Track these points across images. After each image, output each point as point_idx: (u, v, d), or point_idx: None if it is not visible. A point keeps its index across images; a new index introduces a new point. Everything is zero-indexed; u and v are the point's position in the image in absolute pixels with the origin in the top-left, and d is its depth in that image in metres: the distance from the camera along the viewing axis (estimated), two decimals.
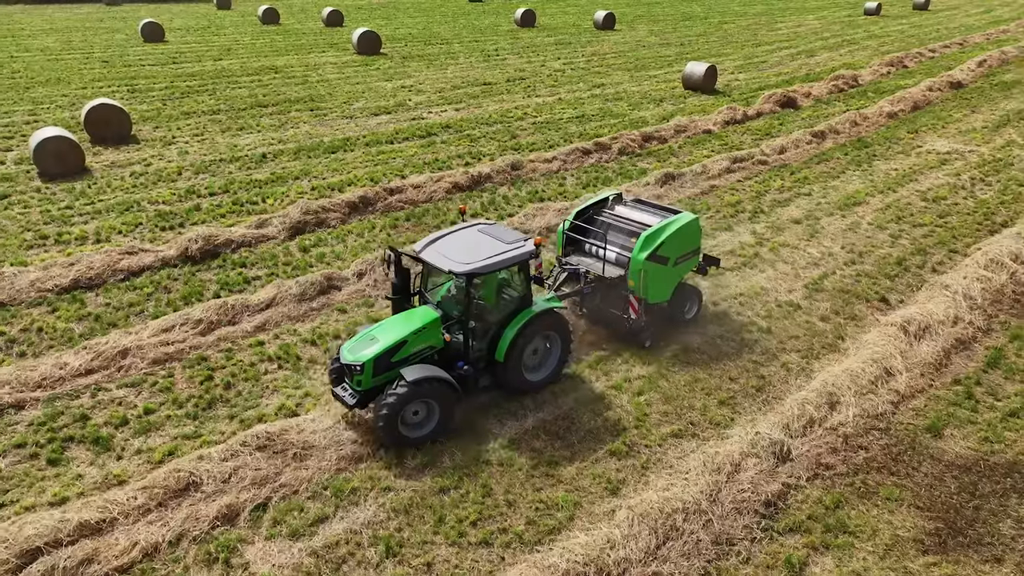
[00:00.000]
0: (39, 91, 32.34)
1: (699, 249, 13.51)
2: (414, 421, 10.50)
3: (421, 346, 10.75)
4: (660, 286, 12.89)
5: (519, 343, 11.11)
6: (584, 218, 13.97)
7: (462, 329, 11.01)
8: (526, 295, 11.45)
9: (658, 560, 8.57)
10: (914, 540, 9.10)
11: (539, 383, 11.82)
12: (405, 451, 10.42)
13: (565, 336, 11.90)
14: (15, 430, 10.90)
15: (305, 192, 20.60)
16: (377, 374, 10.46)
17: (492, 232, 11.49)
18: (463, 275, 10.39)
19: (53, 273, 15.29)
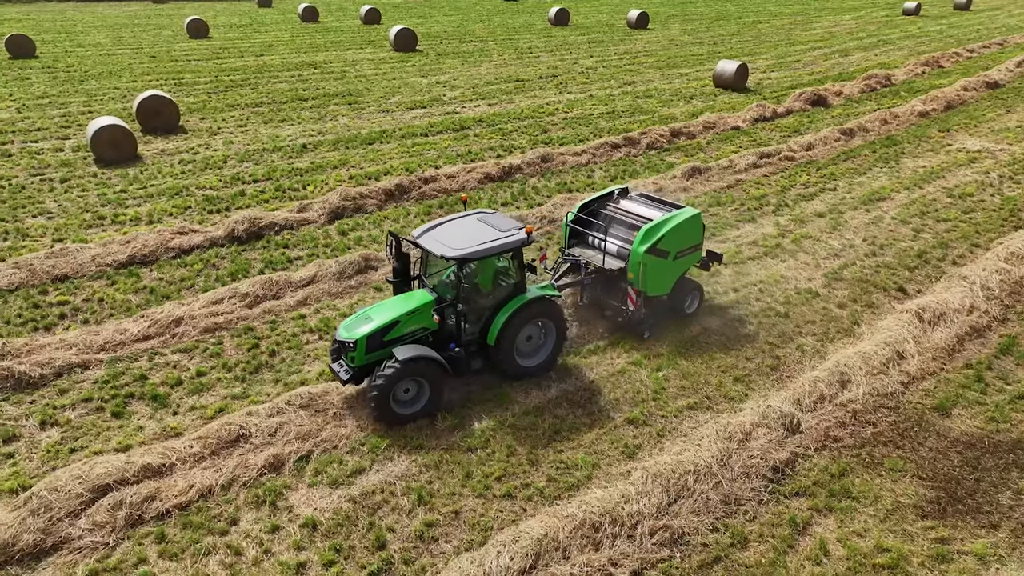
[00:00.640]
0: (93, 84, 33.91)
1: (701, 244, 13.68)
2: (405, 398, 10.95)
3: (414, 327, 11.20)
4: (660, 279, 13.12)
5: (510, 328, 11.44)
6: (588, 211, 14.23)
7: (454, 312, 11.40)
8: (520, 282, 11.75)
9: (669, 515, 9.21)
10: (914, 506, 9.60)
11: (532, 369, 12.08)
12: (436, 414, 11.19)
13: (560, 324, 12.14)
14: (82, 387, 11.92)
15: (344, 180, 21.54)
16: (370, 351, 10.93)
17: (489, 220, 11.83)
18: (454, 260, 10.79)
19: (111, 249, 16.41)
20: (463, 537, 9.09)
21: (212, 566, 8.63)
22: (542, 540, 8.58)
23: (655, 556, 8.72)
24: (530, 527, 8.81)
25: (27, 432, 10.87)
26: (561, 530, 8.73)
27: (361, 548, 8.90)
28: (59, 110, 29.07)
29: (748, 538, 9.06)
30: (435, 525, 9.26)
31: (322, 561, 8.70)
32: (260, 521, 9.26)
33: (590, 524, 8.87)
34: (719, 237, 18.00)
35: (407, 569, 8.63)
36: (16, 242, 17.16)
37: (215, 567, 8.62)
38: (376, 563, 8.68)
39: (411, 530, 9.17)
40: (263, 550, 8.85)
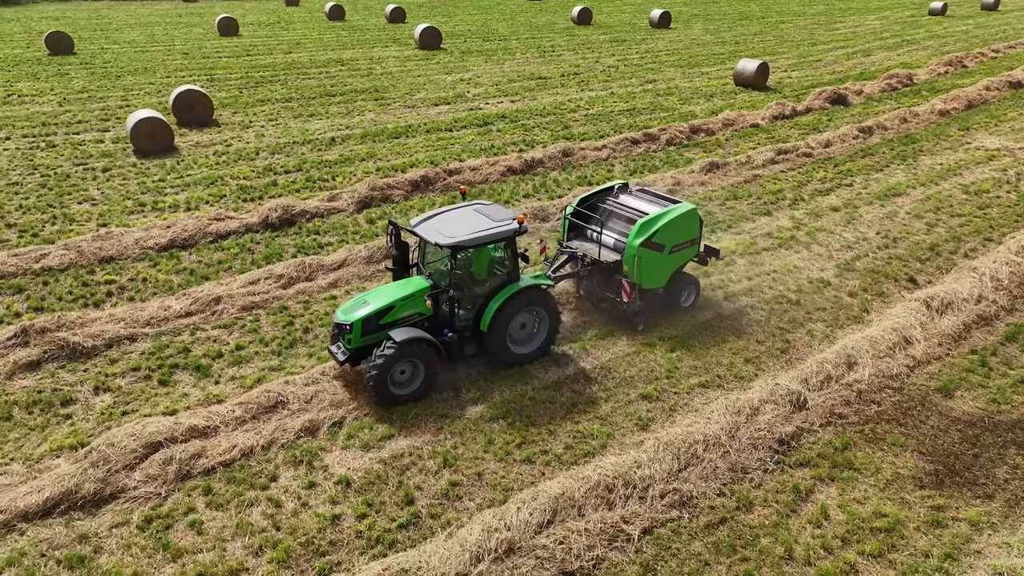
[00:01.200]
0: (129, 79, 35.10)
1: (697, 239, 13.87)
2: (401, 380, 11.35)
3: (409, 312, 11.63)
4: (654, 272, 13.38)
5: (502, 315, 11.75)
6: (587, 205, 14.54)
7: (448, 298, 11.77)
8: (513, 271, 12.10)
9: (679, 480, 9.80)
10: (913, 478, 10.10)
11: (524, 356, 12.38)
12: (460, 387, 11.88)
13: (552, 313, 12.44)
14: (130, 357, 12.77)
15: (371, 172, 22.32)
16: (366, 334, 11.38)
17: (485, 211, 12.19)
18: (447, 247, 11.19)
19: (153, 234, 17.31)
20: (485, 496, 9.76)
21: (255, 516, 9.37)
22: (559, 498, 9.22)
23: (665, 516, 9.32)
24: (548, 487, 9.45)
25: (82, 396, 11.72)
26: (577, 490, 9.36)
27: (391, 503, 9.61)
28: (98, 104, 30.21)
29: (753, 503, 9.63)
30: (459, 485, 9.94)
31: (355, 514, 9.42)
32: (297, 478, 10.00)
33: (604, 486, 9.49)
34: (735, 229, 18.51)
35: (434, 522, 9.32)
36: (64, 226, 18.13)
37: (257, 517, 9.36)
38: (405, 516, 9.38)
39: (437, 489, 9.86)
40: (301, 503, 9.58)
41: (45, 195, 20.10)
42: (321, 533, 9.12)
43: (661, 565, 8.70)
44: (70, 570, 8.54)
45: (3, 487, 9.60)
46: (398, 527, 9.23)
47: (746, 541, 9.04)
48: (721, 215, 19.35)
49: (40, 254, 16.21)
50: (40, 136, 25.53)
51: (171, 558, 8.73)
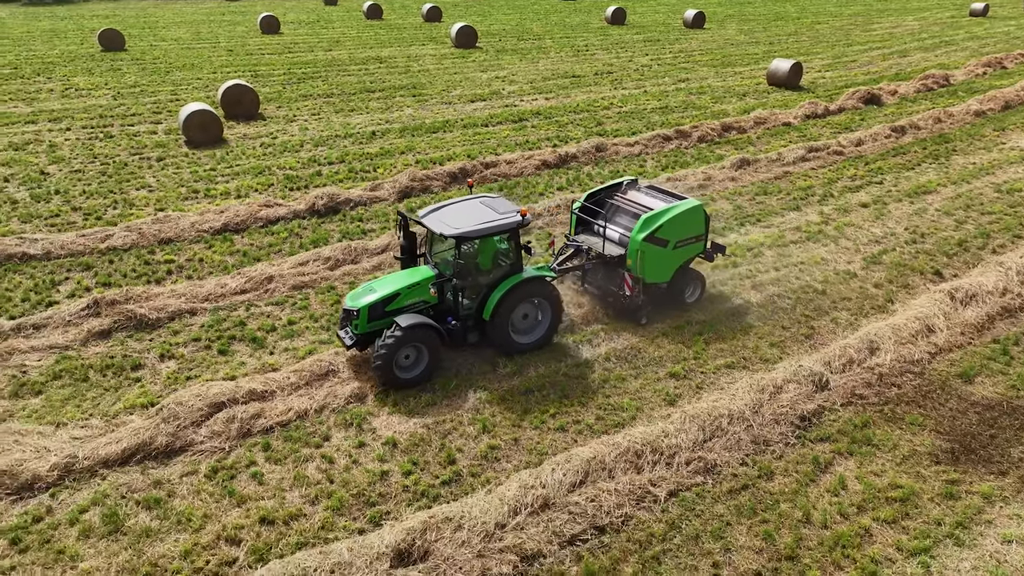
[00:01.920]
0: (177, 75, 36.54)
1: (703, 235, 14.02)
2: (406, 364, 11.77)
3: (414, 299, 12.02)
4: (658, 267, 13.59)
5: (504, 305, 12.09)
6: (595, 200, 14.79)
7: (452, 287, 12.14)
8: (516, 262, 12.41)
9: (704, 449, 10.41)
10: (929, 454, 10.57)
11: (526, 345, 12.71)
12: (498, 361, 12.62)
13: (555, 304, 12.73)
14: (191, 329, 13.74)
15: (410, 164, 23.19)
16: (372, 320, 11.77)
17: (490, 203, 12.52)
18: (452, 237, 11.56)
19: (207, 218, 18.36)
20: (522, 459, 10.48)
21: (310, 470, 10.21)
22: (591, 461, 9.90)
23: (690, 481, 9.94)
24: (580, 452, 10.14)
25: (149, 363, 12.70)
26: (608, 455, 10.04)
27: (434, 463, 10.37)
28: (150, 98, 31.61)
29: (774, 472, 10.20)
30: (497, 448, 10.67)
31: (402, 471, 10.21)
32: (348, 439, 10.82)
33: (633, 451, 10.14)
34: (764, 223, 18.96)
35: (474, 480, 10.06)
36: (124, 210, 19.28)
37: (312, 471, 10.20)
38: (447, 474, 10.14)
39: (477, 451, 10.60)
40: (352, 460, 10.40)
41: (105, 182, 21.32)
42: (371, 486, 9.92)
43: (685, 524, 9.33)
44: (148, 510, 9.45)
45: (85, 438, 10.57)
46: (441, 483, 10.00)
47: (766, 505, 9.62)
48: (751, 209, 19.82)
49: (105, 235, 17.34)
50: (98, 127, 26.89)
51: (236, 503, 9.60)
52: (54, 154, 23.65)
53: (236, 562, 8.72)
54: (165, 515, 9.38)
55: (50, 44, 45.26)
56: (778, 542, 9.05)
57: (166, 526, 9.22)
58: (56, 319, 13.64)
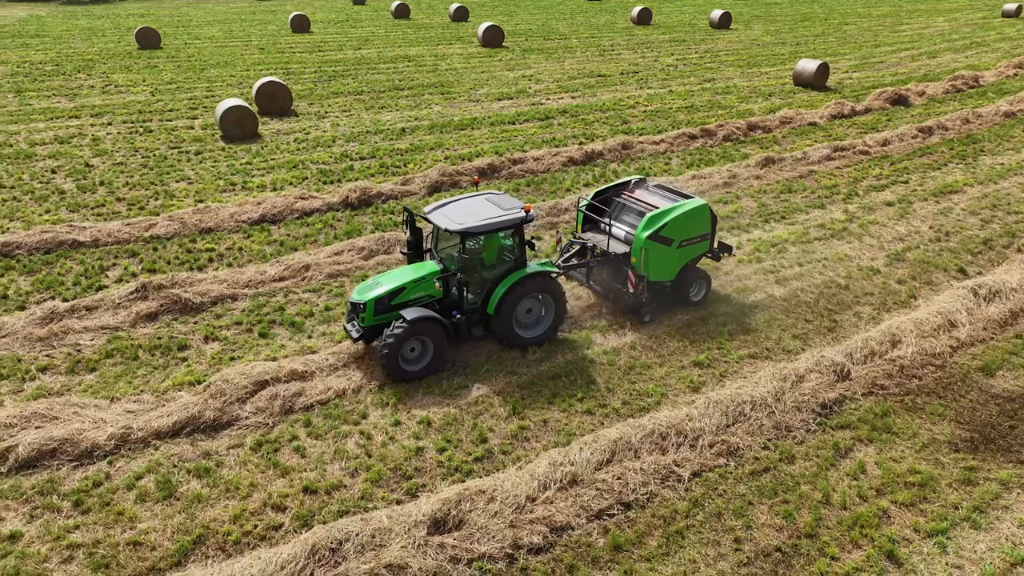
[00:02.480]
0: (212, 72, 37.47)
1: (709, 235, 14.09)
2: (411, 357, 12.02)
3: (419, 294, 12.26)
4: (662, 265, 13.69)
5: (508, 299, 12.31)
6: (602, 198, 14.96)
7: (456, 282, 12.35)
8: (520, 257, 12.64)
9: (727, 433, 10.77)
10: (949, 442, 10.83)
11: (530, 339, 12.90)
12: (527, 347, 13.05)
13: (558, 299, 12.93)
14: (233, 313, 14.37)
15: (440, 160, 23.72)
16: (378, 314, 12.04)
17: (495, 200, 12.72)
18: (456, 233, 11.86)
19: (246, 209, 19.03)
20: (550, 439, 10.92)
21: (349, 445, 10.74)
22: (617, 442, 10.31)
23: (713, 463, 10.31)
24: (607, 433, 10.56)
25: (195, 344, 13.34)
26: (633, 436, 10.44)
27: (467, 441, 10.85)
28: (186, 94, 32.51)
29: (795, 456, 10.53)
30: (527, 429, 11.12)
31: (436, 447, 10.70)
32: (384, 417, 11.34)
33: (658, 434, 10.54)
34: (788, 220, 19.21)
35: (505, 458, 10.52)
36: (166, 201, 20.03)
37: (352, 445, 10.73)
38: (480, 451, 10.61)
39: (507, 430, 11.06)
40: (388, 437, 10.91)
41: (147, 174, 22.12)
42: (407, 461, 10.42)
43: (708, 502, 9.71)
44: (198, 478, 10.04)
45: (138, 412, 11.20)
46: (474, 460, 10.47)
47: (787, 487, 9.97)
48: (775, 207, 20.06)
49: (149, 224, 18.07)
50: (137, 122, 27.79)
51: (281, 474, 10.15)
52: (97, 147, 24.53)
53: (282, 527, 9.27)
54: (214, 483, 9.96)
55: (89, 42, 46.55)
56: (798, 521, 9.40)
57: (216, 493, 9.80)
58: (107, 302, 14.34)
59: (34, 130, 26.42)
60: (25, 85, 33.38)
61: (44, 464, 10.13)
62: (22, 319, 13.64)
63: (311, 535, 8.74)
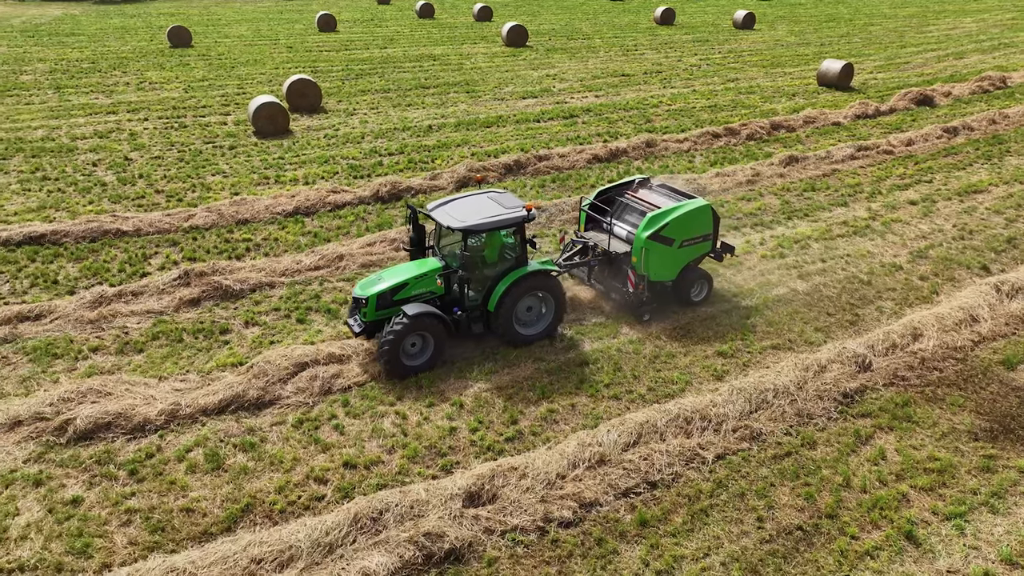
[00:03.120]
0: (242, 70, 38.28)
1: (711, 235, 14.14)
2: (412, 352, 12.19)
3: (421, 290, 12.44)
4: (663, 265, 13.76)
5: (508, 297, 12.45)
6: (605, 198, 15.04)
7: (457, 279, 12.51)
8: (521, 255, 12.79)
9: (750, 419, 11.11)
10: (968, 432, 11.08)
11: (530, 337, 13.04)
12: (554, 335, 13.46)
13: (558, 297, 13.05)
14: (271, 300, 14.93)
15: (466, 156, 24.20)
16: (380, 309, 12.21)
17: (497, 199, 12.88)
18: (458, 231, 12.00)
19: (280, 201, 19.63)
20: (578, 421, 11.33)
21: (385, 424, 11.23)
22: (644, 424, 10.70)
23: (736, 446, 10.67)
24: (634, 416, 10.95)
25: (236, 328, 13.92)
26: (659, 420, 10.82)
27: (498, 422, 11.30)
28: (218, 91, 33.30)
29: (816, 442, 10.85)
30: (555, 412, 11.54)
31: (469, 427, 11.16)
32: (419, 399, 11.81)
33: (683, 418, 10.91)
34: (811, 217, 19.44)
35: (535, 439, 10.95)
36: (203, 193, 20.70)
37: (388, 425, 11.22)
38: (511, 432, 11.05)
39: (537, 413, 11.49)
40: (423, 417, 11.39)
41: (183, 167, 22.83)
42: (441, 440, 10.89)
43: (732, 483, 10.06)
44: (244, 452, 10.58)
45: (185, 390, 11.78)
46: (505, 440, 10.92)
47: (808, 470, 10.29)
48: (798, 204, 20.29)
49: (188, 215, 18.73)
50: (172, 118, 28.59)
51: (321, 449, 10.67)
52: (135, 142, 25.32)
53: (324, 498, 9.77)
54: (259, 457, 10.49)
55: (122, 40, 47.67)
56: (819, 502, 9.73)
57: (261, 466, 10.33)
58: (151, 287, 14.97)
59: (74, 125, 27.31)
60: (64, 82, 34.38)
61: (100, 436, 10.73)
62: (73, 303, 14.31)
63: (353, 505, 9.23)
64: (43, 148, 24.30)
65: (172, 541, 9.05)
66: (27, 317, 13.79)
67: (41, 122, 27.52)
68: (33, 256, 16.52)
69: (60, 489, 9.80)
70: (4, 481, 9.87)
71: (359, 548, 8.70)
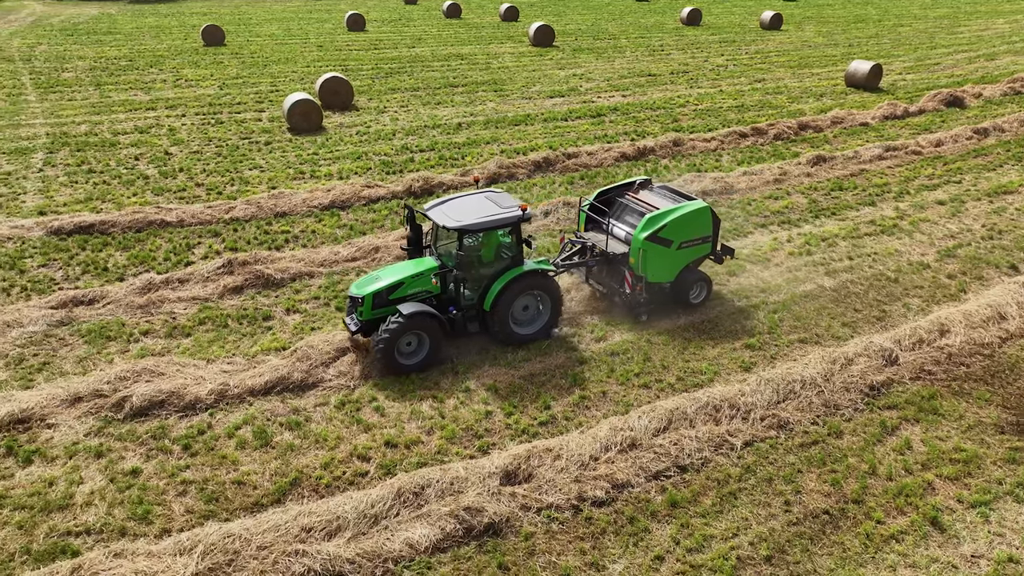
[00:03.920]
0: (274, 68, 39.08)
1: (710, 237, 14.10)
2: (407, 351, 12.24)
3: (417, 289, 12.49)
4: (661, 267, 13.75)
5: (504, 296, 12.51)
6: (605, 198, 15.07)
7: (453, 278, 12.61)
8: (517, 255, 12.84)
9: (777, 409, 11.40)
10: (995, 425, 11.27)
11: (525, 336, 13.07)
12: (585, 325, 13.84)
13: (554, 297, 13.11)
14: (311, 289, 15.47)
15: (496, 153, 24.64)
16: (376, 308, 12.28)
17: (494, 198, 12.94)
18: (454, 230, 12.12)
19: (316, 195, 20.21)
20: (609, 408, 11.70)
21: (424, 407, 11.68)
22: (673, 411, 11.05)
23: (764, 434, 10.97)
24: (663, 403, 11.30)
25: (277, 315, 14.47)
26: (689, 407, 11.15)
27: (532, 407, 11.70)
28: (252, 88, 34.08)
29: (843, 432, 11.11)
30: (587, 399, 11.92)
31: (504, 412, 11.57)
32: (455, 384, 12.25)
33: (712, 406, 11.23)
34: (838, 216, 19.60)
35: (568, 423, 11.34)
36: (241, 187, 21.36)
37: (426, 408, 11.67)
38: (544, 416, 11.45)
39: (569, 400, 11.88)
40: (459, 401, 11.83)
41: (222, 162, 23.53)
42: (477, 422, 11.32)
43: (760, 469, 10.37)
44: (290, 430, 11.10)
45: (233, 372, 12.33)
46: (539, 424, 11.32)
47: (835, 458, 10.57)
48: (826, 203, 20.45)
49: (228, 207, 19.38)
50: (208, 114, 29.36)
51: (363, 430, 11.15)
52: (174, 137, 26.09)
53: (368, 474, 10.24)
54: (304, 435, 10.99)
55: (158, 39, 48.81)
56: (845, 488, 10.00)
57: (306, 444, 10.83)
58: (196, 275, 15.59)
59: (115, 120, 28.18)
60: (103, 79, 35.39)
61: (154, 413, 11.31)
62: (123, 289, 14.96)
63: (396, 481, 9.69)
64: (87, 142, 25.16)
65: (226, 510, 9.58)
66: (81, 301, 14.47)
67: (84, 117, 28.44)
68: (83, 244, 17.25)
69: (120, 460, 10.37)
70: (68, 452, 10.48)
71: (402, 520, 9.15)
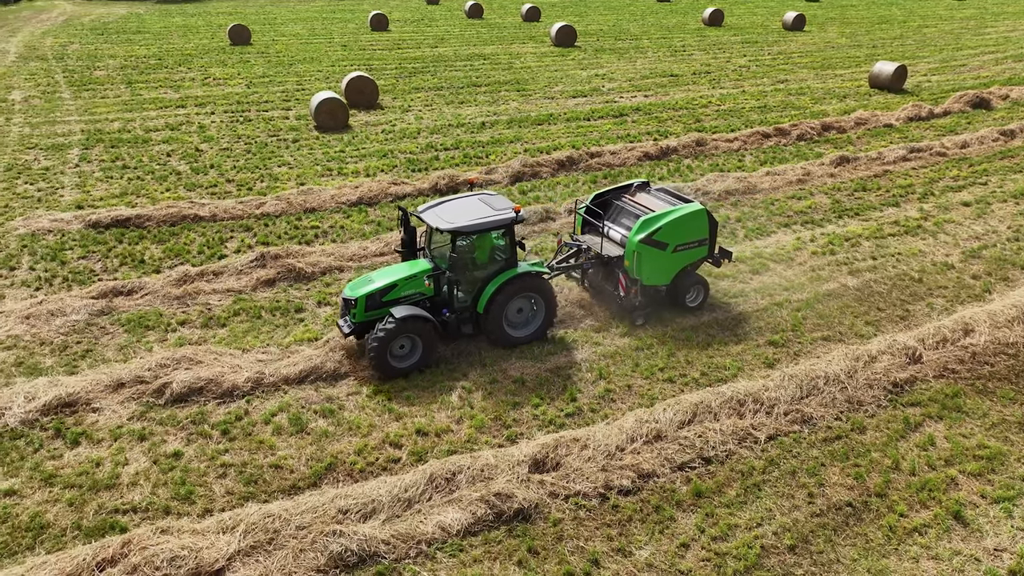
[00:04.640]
0: (300, 67, 39.64)
1: (707, 240, 13.98)
2: (400, 354, 12.23)
3: (410, 291, 12.48)
4: (656, 269, 13.65)
5: (498, 299, 12.46)
6: (602, 201, 15.02)
7: (446, 280, 12.58)
8: (511, 257, 12.82)
9: (801, 404, 11.57)
10: (1019, 423, 11.36)
11: (520, 339, 13.05)
12: (611, 321, 14.07)
13: (549, 299, 13.05)
14: (341, 283, 15.84)
15: (520, 152, 24.91)
16: (369, 310, 12.27)
17: (487, 200, 12.93)
18: (446, 232, 12.14)
19: (344, 192, 20.61)
20: (634, 401, 11.93)
21: (453, 397, 11.99)
22: (698, 405, 11.25)
23: (787, 428, 11.14)
24: (688, 397, 11.51)
25: (309, 307, 14.85)
26: (713, 401, 11.36)
27: (558, 399, 11.96)
28: (278, 87, 34.64)
29: (866, 428, 11.25)
30: (612, 392, 12.16)
31: (531, 404, 11.84)
32: (483, 375, 12.54)
33: (736, 400, 11.42)
34: (862, 216, 19.65)
35: (594, 415, 11.59)
36: (271, 183, 21.82)
37: (455, 398, 11.97)
38: (570, 408, 11.71)
39: (595, 392, 12.13)
40: (487, 392, 12.11)
41: (251, 159, 24.02)
42: (505, 413, 11.60)
43: (783, 461, 10.55)
44: (324, 418, 11.45)
45: (268, 361, 12.72)
46: (565, 415, 11.58)
47: (858, 453, 10.72)
48: (849, 204, 20.50)
49: (259, 203, 19.82)
50: (237, 112, 29.93)
51: (395, 418, 11.47)
52: (204, 134, 26.65)
53: (400, 460, 10.56)
54: (338, 423, 11.34)
55: (185, 38, 49.65)
56: (868, 482, 10.16)
57: (340, 430, 11.17)
58: (230, 268, 16.02)
59: (147, 118, 28.82)
60: (134, 77, 36.14)
61: (193, 399, 11.71)
62: (160, 280, 15.43)
63: (428, 467, 10.00)
64: (120, 139, 25.78)
65: (264, 492, 9.94)
66: (120, 292, 14.94)
67: (117, 115, 29.11)
68: (120, 237, 17.76)
69: (162, 444, 10.78)
70: (113, 435, 10.90)
71: (435, 504, 9.45)
